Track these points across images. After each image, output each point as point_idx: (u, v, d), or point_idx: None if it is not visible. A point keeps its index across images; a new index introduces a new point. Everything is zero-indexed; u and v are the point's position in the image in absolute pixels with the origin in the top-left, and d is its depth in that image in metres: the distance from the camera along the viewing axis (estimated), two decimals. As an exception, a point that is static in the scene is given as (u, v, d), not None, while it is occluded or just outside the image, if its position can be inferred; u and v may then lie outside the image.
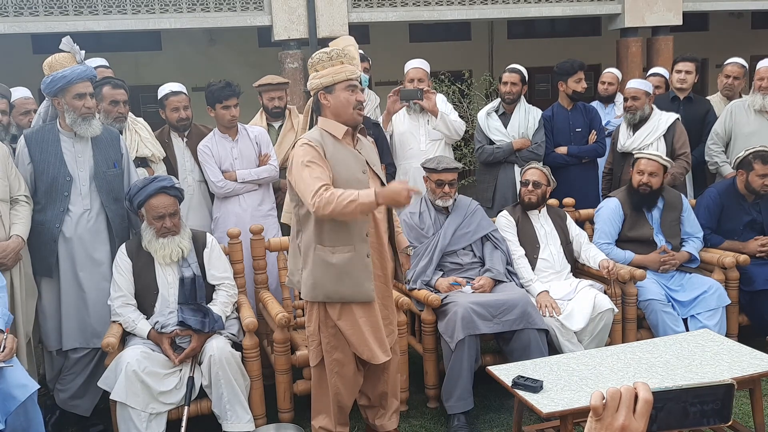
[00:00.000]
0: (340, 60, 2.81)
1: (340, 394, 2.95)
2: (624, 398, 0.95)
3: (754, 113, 4.73)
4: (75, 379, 3.44)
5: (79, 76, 3.29)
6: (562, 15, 9.00)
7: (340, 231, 2.78)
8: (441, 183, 3.81)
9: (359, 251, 2.80)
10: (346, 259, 2.78)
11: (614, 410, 0.95)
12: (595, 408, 0.95)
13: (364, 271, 2.81)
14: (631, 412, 0.94)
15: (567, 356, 3.03)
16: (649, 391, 0.95)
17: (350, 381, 2.95)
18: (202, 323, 3.19)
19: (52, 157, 3.36)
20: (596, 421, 0.95)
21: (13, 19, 7.61)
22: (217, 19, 8.06)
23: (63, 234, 3.37)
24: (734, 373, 2.70)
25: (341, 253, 2.78)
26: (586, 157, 4.84)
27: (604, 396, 0.95)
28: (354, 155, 2.87)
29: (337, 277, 2.78)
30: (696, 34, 11.89)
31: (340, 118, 2.85)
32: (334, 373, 2.92)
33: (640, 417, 0.94)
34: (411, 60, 4.85)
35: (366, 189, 2.75)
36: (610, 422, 0.94)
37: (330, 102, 2.83)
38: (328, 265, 2.78)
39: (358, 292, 2.80)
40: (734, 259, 3.97)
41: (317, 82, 2.82)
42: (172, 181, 3.38)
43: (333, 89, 2.81)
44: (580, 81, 4.85)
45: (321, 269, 2.80)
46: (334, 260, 2.78)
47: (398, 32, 10.87)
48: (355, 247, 2.80)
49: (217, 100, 4.07)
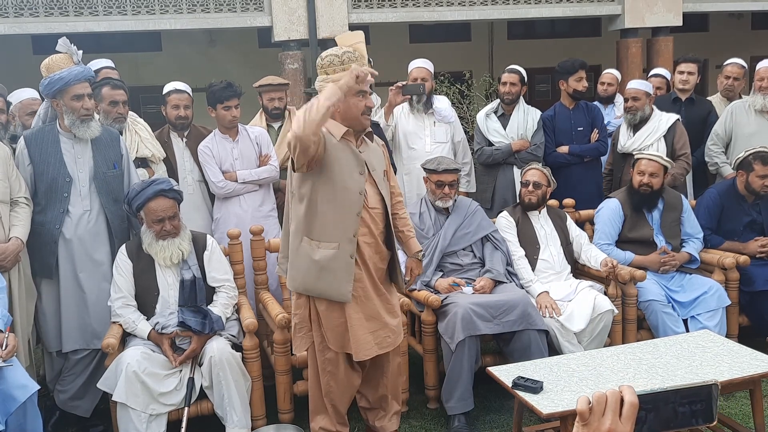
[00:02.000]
0: (351, 64, 2.75)
1: (333, 392, 2.94)
2: (610, 402, 0.95)
3: (754, 114, 4.73)
4: (75, 380, 3.44)
5: (77, 77, 3.28)
6: (562, 16, 9.00)
7: (328, 226, 2.77)
8: (441, 184, 3.81)
9: (343, 250, 2.77)
10: (329, 256, 2.76)
11: (600, 414, 0.95)
12: (582, 413, 0.95)
13: (344, 271, 2.78)
14: (617, 416, 0.95)
15: (567, 357, 3.03)
16: (634, 394, 0.96)
17: (343, 381, 2.94)
18: (202, 324, 3.19)
19: (52, 158, 3.36)
20: (583, 425, 0.95)
21: (14, 19, 7.61)
22: (217, 19, 8.06)
23: (63, 235, 3.37)
24: (734, 373, 2.70)
25: (325, 249, 2.77)
26: (587, 156, 4.82)
27: (590, 401, 0.95)
28: (354, 155, 2.84)
29: (318, 272, 2.77)
30: (696, 34, 11.90)
31: (346, 122, 2.83)
32: (326, 372, 2.91)
33: (626, 420, 0.95)
34: (415, 60, 4.85)
35: (360, 189, 2.76)
36: (596, 427, 0.94)
37: (339, 106, 2.78)
38: (311, 259, 2.78)
39: (336, 291, 2.78)
40: (734, 260, 3.97)
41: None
42: (170, 184, 3.36)
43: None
44: (581, 80, 4.83)
45: (304, 262, 2.80)
46: (317, 256, 2.77)
47: (398, 33, 10.87)
48: (340, 245, 2.77)
49: (218, 100, 4.07)
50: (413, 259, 3.21)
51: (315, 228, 2.78)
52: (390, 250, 2.99)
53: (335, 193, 2.76)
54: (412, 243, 3.21)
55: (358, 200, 2.80)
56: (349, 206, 2.78)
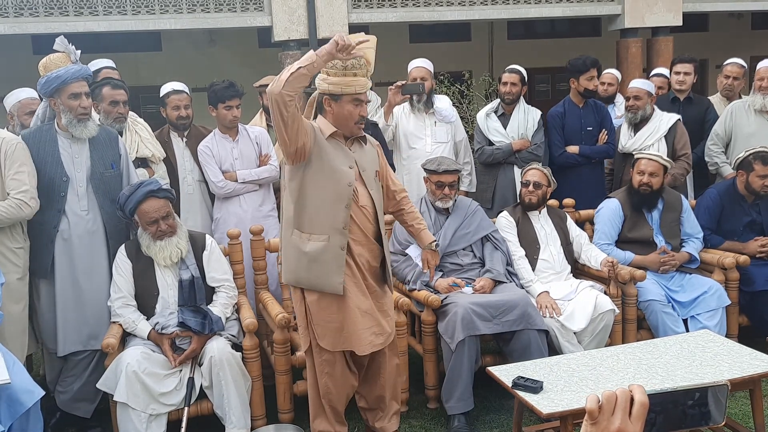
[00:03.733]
0: (353, 72, 2.75)
1: (330, 393, 2.95)
2: (620, 401, 0.94)
3: (754, 114, 4.73)
4: (75, 381, 3.42)
5: (74, 75, 3.27)
6: (562, 16, 9.01)
7: (317, 218, 2.78)
8: (441, 185, 3.81)
9: (333, 242, 2.78)
10: (318, 248, 2.77)
11: (610, 414, 0.93)
12: (591, 411, 0.94)
13: (334, 263, 2.79)
14: (627, 416, 0.93)
15: (567, 357, 3.03)
16: (644, 394, 0.94)
17: (340, 381, 2.94)
18: (202, 324, 3.19)
19: (49, 157, 3.34)
20: (592, 424, 0.94)
21: (14, 19, 7.61)
22: (217, 19, 8.06)
23: (60, 235, 3.35)
24: (734, 373, 2.70)
25: (315, 241, 2.78)
26: (596, 158, 4.79)
27: (600, 399, 0.94)
28: (344, 151, 2.86)
29: (308, 264, 2.78)
30: (696, 34, 11.90)
31: (338, 126, 2.85)
32: (324, 374, 2.92)
33: (636, 420, 0.93)
34: (414, 59, 4.84)
35: (349, 181, 2.78)
36: (605, 426, 0.93)
37: (333, 109, 2.82)
38: (301, 251, 2.79)
39: (326, 282, 2.79)
40: (734, 260, 3.97)
41: (325, 86, 2.80)
42: (158, 184, 3.34)
43: (339, 99, 2.80)
44: (593, 79, 4.77)
45: (294, 254, 2.82)
46: (307, 248, 2.78)
47: (398, 33, 10.87)
48: (329, 237, 2.78)
49: (219, 99, 4.07)
50: (428, 250, 3.20)
51: (305, 220, 2.80)
52: (381, 249, 2.98)
53: (324, 185, 2.78)
54: (424, 235, 3.20)
55: (347, 192, 2.80)
56: (338, 197, 2.79)
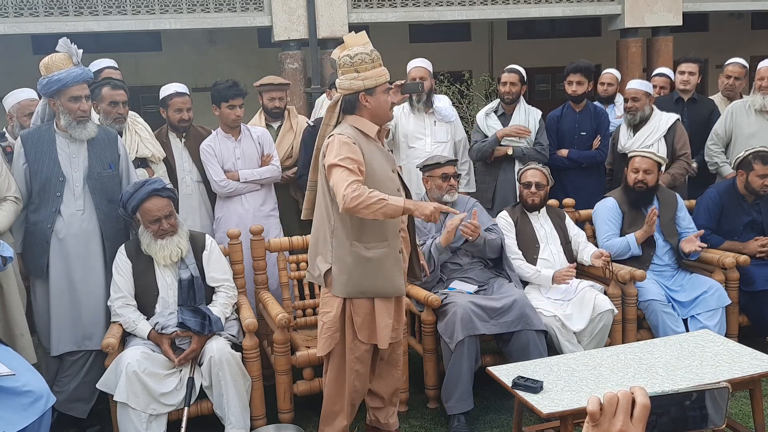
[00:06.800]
0: (379, 62, 2.84)
1: (357, 392, 3.01)
2: (621, 403, 0.93)
3: (754, 114, 4.73)
4: (71, 381, 3.42)
5: (75, 79, 3.27)
6: (562, 15, 8.99)
7: (377, 228, 2.83)
8: (446, 176, 3.83)
9: (393, 247, 2.88)
10: (381, 255, 2.83)
11: (611, 415, 0.93)
12: (592, 413, 0.93)
13: (396, 266, 2.89)
14: (629, 418, 0.93)
15: (567, 357, 3.03)
16: (646, 396, 0.94)
17: (365, 379, 3.02)
18: (201, 325, 3.18)
19: (47, 157, 3.34)
20: (593, 426, 0.94)
21: (13, 19, 7.61)
22: (217, 19, 8.06)
23: (56, 235, 3.33)
24: (734, 373, 2.70)
25: (376, 249, 2.83)
26: (585, 162, 4.80)
27: (601, 401, 0.94)
28: (385, 154, 2.94)
29: (372, 272, 2.82)
30: (696, 34, 11.90)
31: (376, 119, 2.88)
32: (353, 372, 2.95)
33: (638, 422, 0.93)
34: (413, 59, 4.84)
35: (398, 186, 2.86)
36: (607, 428, 0.93)
37: (371, 104, 2.84)
38: (364, 260, 2.82)
39: (390, 286, 2.87)
40: (734, 260, 3.97)
41: (360, 83, 2.80)
42: (162, 183, 3.35)
43: (374, 91, 2.83)
44: (571, 84, 4.83)
45: (357, 266, 2.82)
46: (370, 255, 2.82)
47: (398, 33, 10.87)
48: (389, 243, 2.86)
49: (223, 98, 4.07)
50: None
51: (365, 231, 2.82)
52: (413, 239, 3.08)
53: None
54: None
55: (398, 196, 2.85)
56: None
